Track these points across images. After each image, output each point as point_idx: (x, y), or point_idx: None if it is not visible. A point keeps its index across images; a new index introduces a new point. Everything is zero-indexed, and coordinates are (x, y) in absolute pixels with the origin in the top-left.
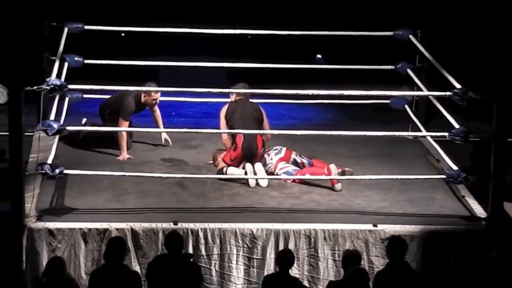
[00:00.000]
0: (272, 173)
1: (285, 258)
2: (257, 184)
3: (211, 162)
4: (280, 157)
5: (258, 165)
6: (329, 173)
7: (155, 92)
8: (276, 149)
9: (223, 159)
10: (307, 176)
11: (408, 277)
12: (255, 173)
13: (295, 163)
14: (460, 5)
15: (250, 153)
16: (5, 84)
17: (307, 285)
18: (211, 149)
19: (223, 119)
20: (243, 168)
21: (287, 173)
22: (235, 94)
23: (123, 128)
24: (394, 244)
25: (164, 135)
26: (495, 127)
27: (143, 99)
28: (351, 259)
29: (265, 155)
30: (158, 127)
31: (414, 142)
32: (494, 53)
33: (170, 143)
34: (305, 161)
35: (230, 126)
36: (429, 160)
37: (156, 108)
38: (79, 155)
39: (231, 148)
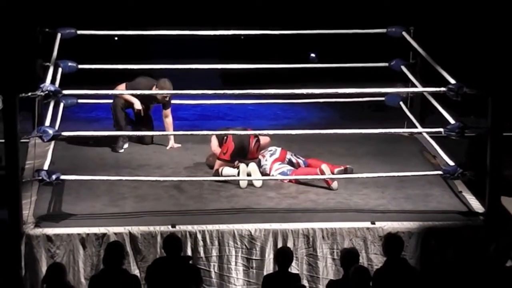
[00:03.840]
0: (267, 174)
1: (283, 255)
2: (251, 184)
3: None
4: (275, 158)
5: (253, 165)
6: (322, 174)
7: (167, 89)
8: (271, 150)
9: (217, 157)
10: (301, 177)
11: (407, 274)
12: (248, 174)
13: (290, 163)
14: (453, 1)
15: (241, 145)
16: (0, 91)
17: (307, 284)
18: (207, 151)
19: (214, 139)
20: (237, 168)
21: (282, 173)
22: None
23: (119, 132)
24: (390, 242)
25: (171, 143)
26: (491, 122)
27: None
28: (349, 257)
29: (260, 157)
30: (168, 136)
31: (409, 139)
32: (488, 48)
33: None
34: (300, 161)
35: (220, 137)
36: (426, 156)
37: (169, 113)
38: (75, 161)
39: (223, 146)
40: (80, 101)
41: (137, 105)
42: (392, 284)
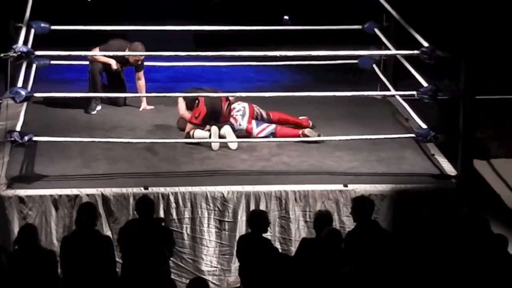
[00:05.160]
0: (247, 136)
1: (256, 219)
2: (225, 147)
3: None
4: (247, 117)
5: (227, 128)
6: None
7: (139, 51)
8: (240, 110)
9: (189, 120)
10: (287, 139)
11: (378, 236)
12: (220, 136)
13: (261, 117)
14: None
15: (214, 109)
16: None
17: (279, 246)
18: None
19: (181, 101)
20: (209, 130)
21: (266, 136)
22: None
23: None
24: (358, 205)
25: (144, 105)
26: (463, 85)
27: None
28: (323, 220)
29: (232, 120)
30: (140, 98)
31: (382, 101)
32: (461, 10)
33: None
34: (263, 112)
35: (190, 99)
36: (398, 119)
37: (141, 75)
38: (48, 122)
39: (194, 105)
40: (52, 62)
41: (114, 64)
42: (363, 246)
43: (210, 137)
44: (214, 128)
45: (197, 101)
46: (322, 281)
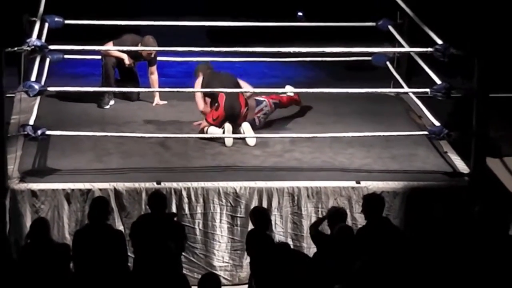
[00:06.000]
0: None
1: (256, 216)
2: (238, 143)
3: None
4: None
5: (246, 125)
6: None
7: (151, 46)
8: (265, 114)
9: (205, 119)
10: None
11: (389, 233)
12: (238, 132)
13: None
14: None
15: (232, 113)
16: None
17: (291, 242)
18: (192, 108)
19: (199, 92)
20: (223, 128)
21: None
22: (201, 71)
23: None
24: (368, 203)
25: (157, 100)
26: (477, 82)
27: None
28: (336, 216)
29: (256, 121)
30: (152, 93)
31: (396, 99)
32: (475, 8)
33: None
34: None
35: (209, 94)
36: (411, 116)
37: (154, 70)
38: (61, 116)
39: (213, 108)
40: (66, 56)
41: (127, 59)
42: (374, 243)
43: (223, 133)
44: (227, 125)
45: (216, 104)
46: (334, 277)
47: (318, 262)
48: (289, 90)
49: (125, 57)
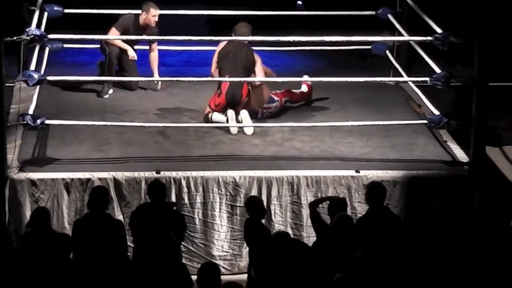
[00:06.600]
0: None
1: (250, 205)
2: (240, 131)
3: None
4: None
5: (244, 113)
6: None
7: (154, 9)
8: (270, 109)
9: (208, 103)
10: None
11: (389, 222)
12: (237, 120)
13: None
14: None
15: (233, 101)
16: None
17: (290, 232)
18: (192, 97)
19: (216, 57)
20: (226, 115)
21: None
22: (235, 32)
23: (105, 77)
24: (373, 190)
25: (156, 76)
26: (477, 71)
27: (142, 20)
28: (336, 206)
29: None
30: (152, 69)
31: (395, 87)
32: None
33: (159, 87)
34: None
35: (219, 67)
36: (411, 105)
37: (155, 48)
38: (60, 105)
39: (216, 93)
40: (65, 45)
41: (131, 52)
42: (374, 232)
43: (227, 121)
44: (230, 112)
45: (219, 91)
46: (334, 266)
47: (317, 251)
48: (306, 79)
49: (128, 48)
